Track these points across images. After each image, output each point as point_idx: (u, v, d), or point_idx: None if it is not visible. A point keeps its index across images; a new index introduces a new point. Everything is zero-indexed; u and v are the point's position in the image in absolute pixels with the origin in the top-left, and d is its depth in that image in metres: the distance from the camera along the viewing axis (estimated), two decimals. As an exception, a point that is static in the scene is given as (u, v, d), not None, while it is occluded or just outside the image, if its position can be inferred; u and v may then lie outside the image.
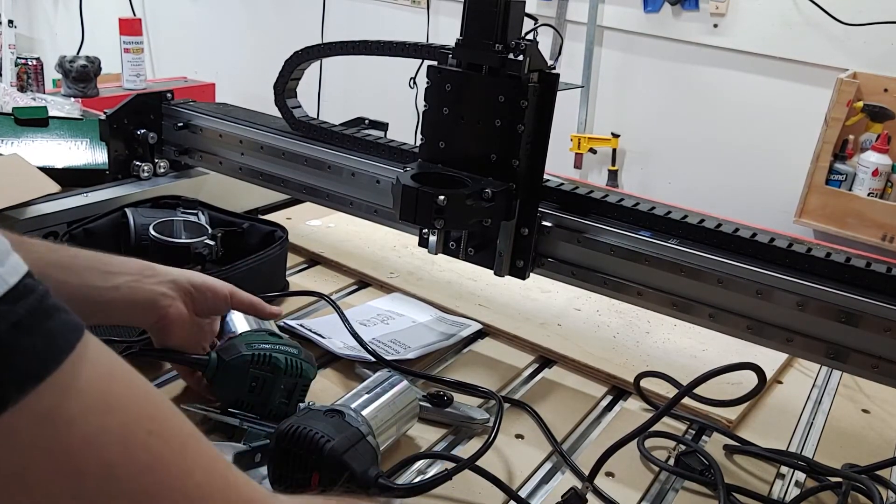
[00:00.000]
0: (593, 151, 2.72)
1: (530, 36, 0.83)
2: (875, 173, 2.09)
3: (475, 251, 0.89)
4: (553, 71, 0.82)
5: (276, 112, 1.13)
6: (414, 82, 2.78)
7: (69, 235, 1.00)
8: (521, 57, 0.79)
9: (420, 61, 1.26)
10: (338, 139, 1.07)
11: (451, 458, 0.72)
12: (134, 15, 3.56)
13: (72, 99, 1.94)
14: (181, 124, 1.21)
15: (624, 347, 0.99)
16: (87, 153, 1.35)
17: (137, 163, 1.24)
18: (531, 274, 0.91)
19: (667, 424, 0.84)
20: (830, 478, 0.77)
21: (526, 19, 0.83)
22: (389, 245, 1.23)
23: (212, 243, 0.99)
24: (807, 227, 2.15)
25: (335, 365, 0.90)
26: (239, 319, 0.85)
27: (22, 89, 2.31)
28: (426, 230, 0.89)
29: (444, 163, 0.86)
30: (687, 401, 0.78)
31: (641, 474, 0.77)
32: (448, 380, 0.86)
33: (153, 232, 0.98)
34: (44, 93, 2.29)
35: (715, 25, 2.41)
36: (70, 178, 1.21)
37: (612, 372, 0.92)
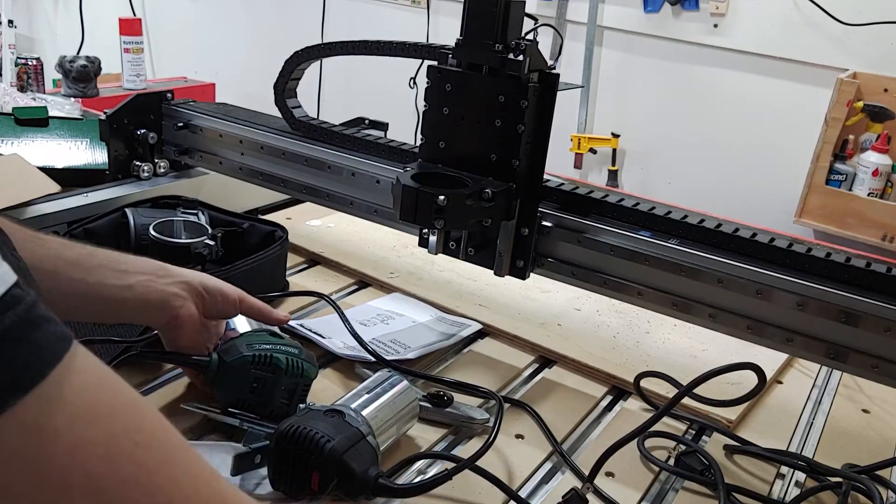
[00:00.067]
0: (593, 151, 2.72)
1: (530, 36, 0.83)
2: (875, 173, 2.09)
3: (475, 251, 0.89)
4: (553, 71, 0.82)
5: (276, 112, 1.13)
6: (414, 82, 2.78)
7: (69, 235, 1.00)
8: (521, 57, 0.79)
9: (420, 61, 1.26)
10: (338, 139, 1.07)
11: (451, 458, 0.72)
12: (134, 15, 3.56)
13: (72, 99, 1.94)
14: (181, 124, 1.21)
15: (624, 347, 0.99)
16: (87, 153, 1.35)
17: (137, 163, 1.24)
18: (531, 274, 0.91)
19: (667, 424, 0.84)
20: (830, 478, 0.77)
21: (526, 19, 0.83)
22: (389, 245, 1.23)
23: (212, 243, 0.99)
24: (807, 227, 2.16)
25: (335, 365, 0.90)
26: (240, 319, 0.84)
27: (22, 89, 2.31)
28: (426, 230, 0.89)
29: (444, 163, 0.86)
30: (687, 401, 0.78)
31: (641, 474, 0.77)
32: (448, 380, 0.86)
33: (153, 232, 0.98)
34: (44, 93, 2.30)
35: (715, 25, 2.41)
36: (70, 178, 1.21)
37: (612, 372, 0.92)
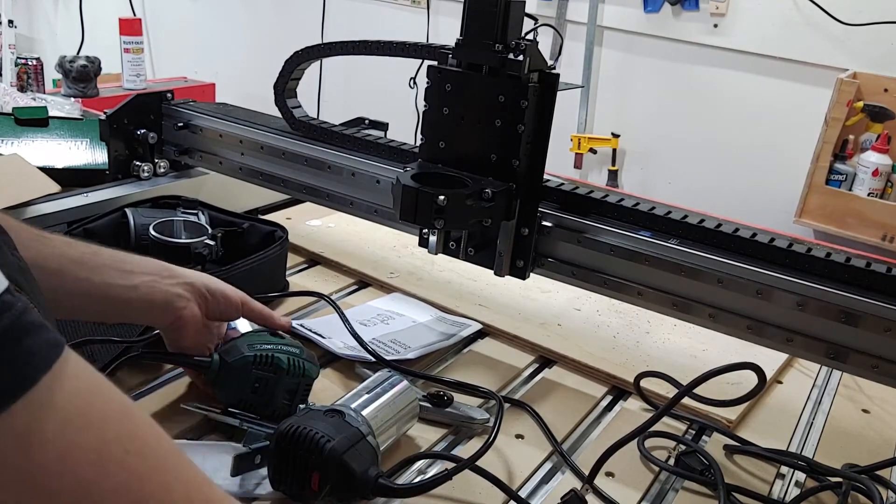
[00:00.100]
0: (593, 151, 2.72)
1: (530, 36, 0.83)
2: (875, 173, 2.09)
3: (475, 251, 0.89)
4: (553, 71, 0.82)
5: (276, 112, 1.12)
6: (414, 82, 2.78)
7: (69, 236, 1.00)
8: (521, 57, 0.79)
9: (420, 61, 1.26)
10: (338, 139, 1.07)
11: (451, 458, 0.72)
12: (134, 15, 3.56)
13: (72, 99, 1.94)
14: (181, 124, 1.21)
15: (624, 347, 0.99)
16: (87, 153, 1.35)
17: (137, 163, 1.24)
18: (531, 274, 0.91)
19: (667, 424, 0.84)
20: (830, 478, 0.77)
21: (526, 19, 0.83)
22: (389, 245, 1.23)
23: (212, 243, 0.99)
24: (807, 227, 2.16)
25: (335, 365, 0.90)
26: (241, 320, 0.84)
27: (22, 89, 2.31)
28: (426, 230, 0.89)
29: (444, 163, 0.86)
30: (687, 401, 0.78)
31: (641, 474, 0.77)
32: (448, 380, 0.86)
33: (153, 232, 0.98)
34: (44, 93, 2.30)
35: (715, 25, 2.41)
36: (70, 178, 1.21)
37: (612, 372, 0.92)
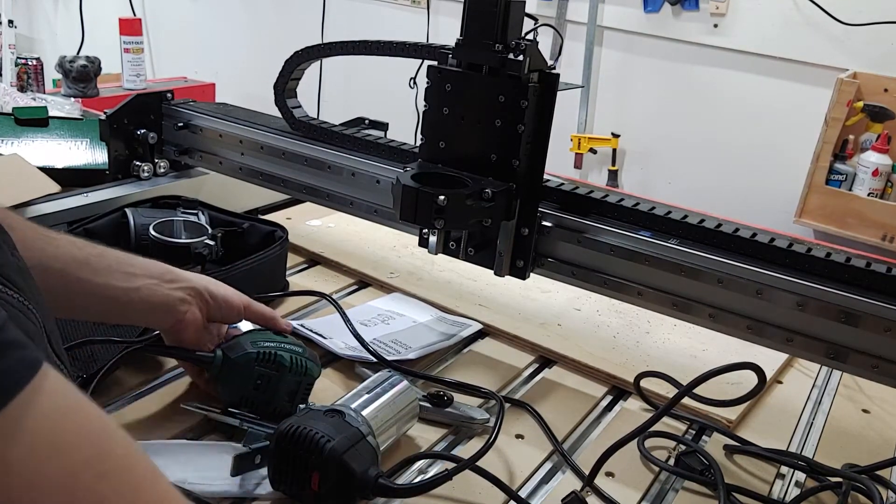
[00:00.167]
0: (593, 151, 2.72)
1: (530, 36, 0.83)
2: (875, 173, 2.09)
3: (475, 251, 0.89)
4: (553, 71, 0.82)
5: (276, 112, 1.12)
6: (414, 82, 2.78)
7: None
8: (521, 57, 0.79)
9: (420, 61, 1.26)
10: (338, 139, 1.07)
11: (452, 458, 0.72)
12: (134, 15, 3.56)
13: (72, 99, 1.94)
14: (181, 124, 1.21)
15: (624, 347, 0.99)
16: (87, 153, 1.35)
17: (137, 163, 1.24)
18: (531, 274, 0.91)
19: (667, 424, 0.84)
20: (830, 478, 0.77)
21: (526, 19, 0.83)
22: (389, 245, 1.23)
23: (212, 243, 0.99)
24: (807, 227, 2.16)
25: (336, 365, 0.90)
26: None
27: (22, 89, 2.31)
28: (426, 230, 0.89)
29: (444, 163, 0.86)
30: (687, 401, 0.78)
31: (641, 474, 0.77)
32: (448, 380, 0.86)
33: (153, 232, 0.98)
34: (44, 93, 2.30)
35: (715, 25, 2.41)
36: (70, 178, 1.22)
37: (612, 372, 0.92)
